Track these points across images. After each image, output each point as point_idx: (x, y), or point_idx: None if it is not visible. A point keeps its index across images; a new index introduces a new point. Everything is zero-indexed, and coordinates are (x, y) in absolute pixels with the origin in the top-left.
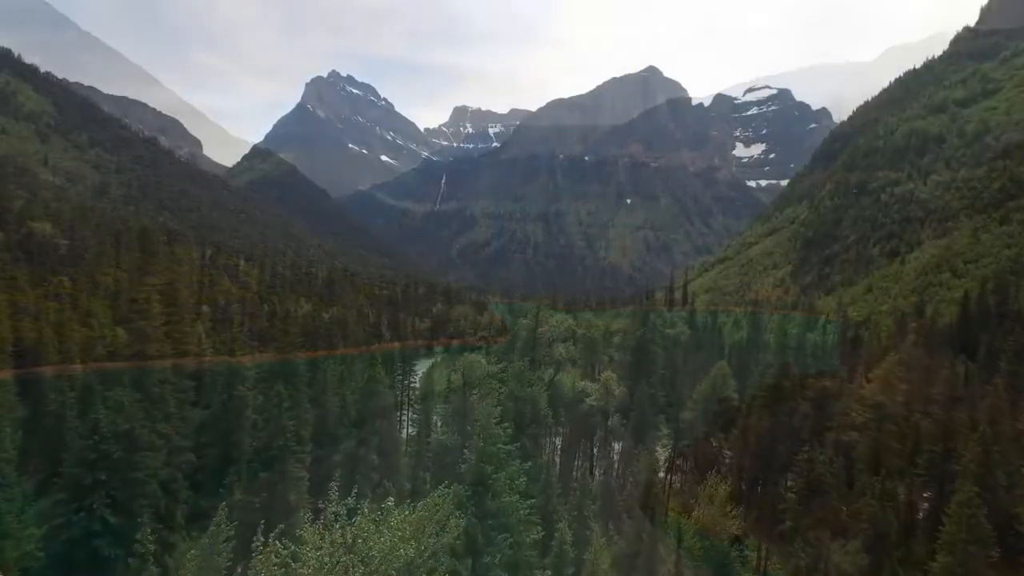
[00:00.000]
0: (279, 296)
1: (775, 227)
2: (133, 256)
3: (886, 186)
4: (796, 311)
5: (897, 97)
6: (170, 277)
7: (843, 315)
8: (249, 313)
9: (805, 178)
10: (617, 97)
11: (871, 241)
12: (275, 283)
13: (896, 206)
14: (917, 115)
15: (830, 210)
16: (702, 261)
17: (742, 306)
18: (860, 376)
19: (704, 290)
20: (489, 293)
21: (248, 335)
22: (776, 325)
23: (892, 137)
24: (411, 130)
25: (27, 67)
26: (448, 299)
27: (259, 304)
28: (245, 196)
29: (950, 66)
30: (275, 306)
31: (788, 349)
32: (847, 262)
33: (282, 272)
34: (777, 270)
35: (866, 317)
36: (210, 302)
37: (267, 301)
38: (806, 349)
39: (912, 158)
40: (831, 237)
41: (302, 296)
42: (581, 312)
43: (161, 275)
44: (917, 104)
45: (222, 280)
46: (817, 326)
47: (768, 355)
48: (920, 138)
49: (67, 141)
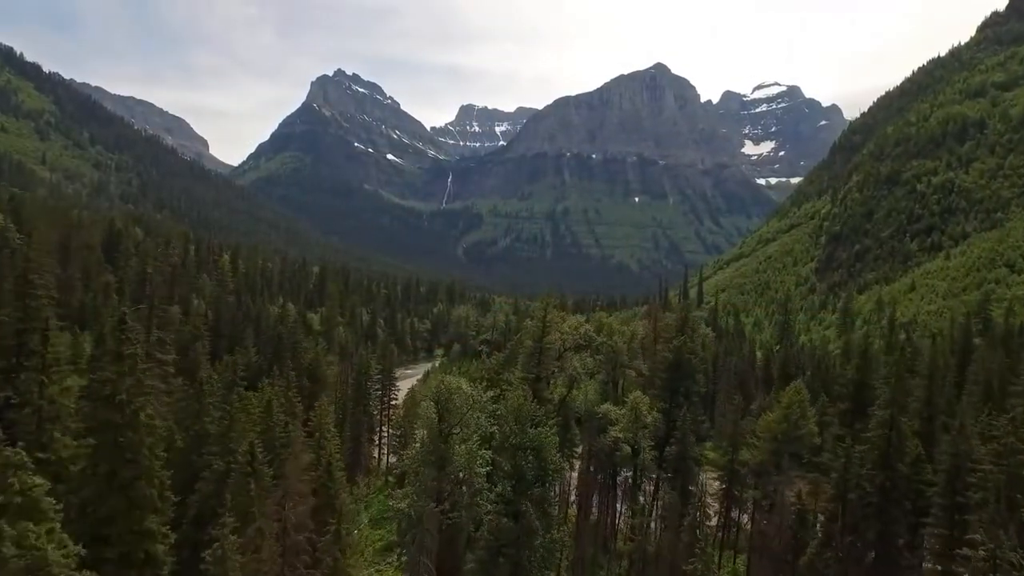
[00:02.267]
0: (253, 294)
1: (793, 223)
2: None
3: (922, 175)
4: (829, 312)
5: (923, 85)
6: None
7: (891, 317)
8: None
9: (823, 171)
10: (625, 94)
11: (907, 235)
12: (256, 281)
13: (935, 196)
14: (952, 100)
15: (859, 203)
16: (716, 259)
17: (763, 305)
18: (984, 405)
19: (720, 289)
20: (495, 292)
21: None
22: (806, 326)
23: (926, 124)
24: (417, 129)
25: (29, 65)
26: (451, 298)
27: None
28: (249, 194)
29: (980, 51)
30: (234, 305)
31: (836, 358)
32: (881, 258)
33: (271, 270)
34: (798, 267)
35: (911, 318)
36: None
37: (224, 299)
38: (865, 359)
39: (951, 145)
40: (861, 231)
41: (288, 296)
42: (593, 312)
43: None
44: (951, 89)
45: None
46: (854, 327)
47: (817, 366)
48: (958, 124)
49: (67, 139)
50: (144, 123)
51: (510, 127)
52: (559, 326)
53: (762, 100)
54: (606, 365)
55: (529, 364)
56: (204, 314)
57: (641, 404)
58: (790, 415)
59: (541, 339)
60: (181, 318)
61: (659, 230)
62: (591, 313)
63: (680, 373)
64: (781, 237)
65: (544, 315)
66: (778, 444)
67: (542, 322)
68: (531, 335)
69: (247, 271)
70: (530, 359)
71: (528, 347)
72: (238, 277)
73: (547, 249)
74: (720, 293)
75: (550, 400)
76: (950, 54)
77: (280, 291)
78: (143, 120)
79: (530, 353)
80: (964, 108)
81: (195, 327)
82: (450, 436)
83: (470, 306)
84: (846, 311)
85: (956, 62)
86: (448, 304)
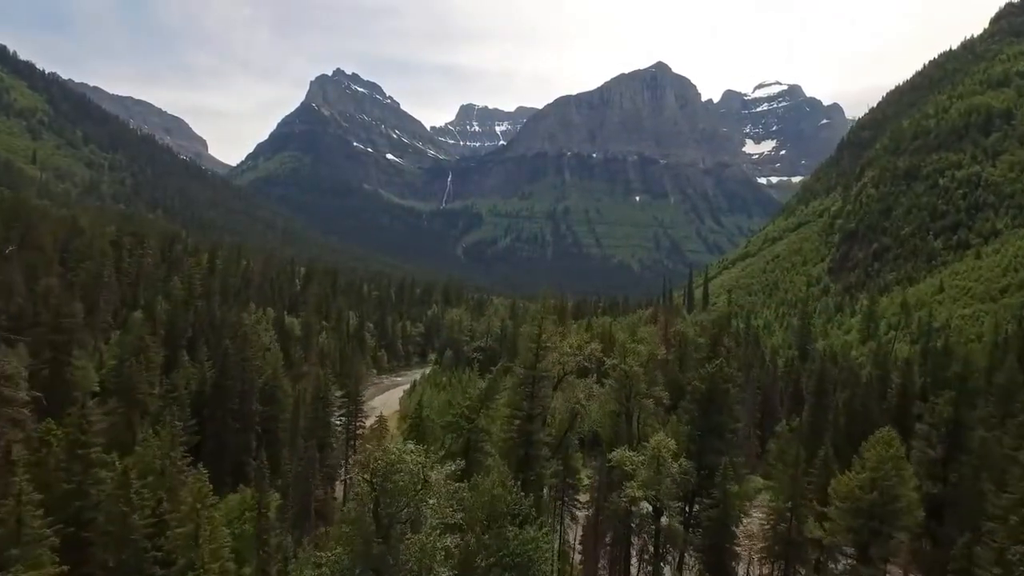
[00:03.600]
0: (227, 297)
1: (801, 221)
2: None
3: (944, 169)
4: (847, 315)
5: (936, 78)
6: None
7: (923, 322)
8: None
9: (831, 169)
10: (625, 93)
11: (930, 232)
12: (232, 283)
13: (960, 191)
14: (973, 91)
15: (875, 199)
16: (721, 258)
17: (772, 307)
18: None
19: (725, 289)
20: (495, 292)
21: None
22: (823, 329)
23: (946, 116)
24: (417, 128)
25: (22, 64)
26: (447, 300)
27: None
28: (246, 194)
29: (995, 43)
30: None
31: (867, 369)
32: (902, 257)
33: (251, 270)
34: (808, 266)
35: (944, 322)
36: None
37: (192, 303)
38: (965, 392)
39: (975, 137)
40: (879, 229)
41: (269, 299)
42: (595, 316)
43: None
44: (970, 80)
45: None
46: (878, 332)
47: (853, 382)
48: (982, 115)
49: (60, 138)
50: (143, 123)
51: (510, 127)
52: (558, 346)
53: (763, 99)
54: (618, 393)
55: (518, 398)
56: (166, 321)
57: (664, 450)
58: (881, 480)
59: (535, 365)
60: (142, 324)
61: (660, 229)
62: (592, 317)
63: (714, 407)
64: (788, 236)
65: (539, 335)
66: (864, 519)
67: (536, 344)
68: (526, 360)
69: (225, 271)
70: (519, 391)
71: (518, 376)
72: (213, 278)
73: (547, 249)
74: (727, 294)
75: (547, 441)
76: (962, 47)
77: (260, 294)
78: (142, 120)
79: (520, 383)
80: (987, 98)
81: (139, 338)
82: (391, 530)
83: (464, 309)
84: (871, 315)
85: (969, 54)
86: (444, 306)
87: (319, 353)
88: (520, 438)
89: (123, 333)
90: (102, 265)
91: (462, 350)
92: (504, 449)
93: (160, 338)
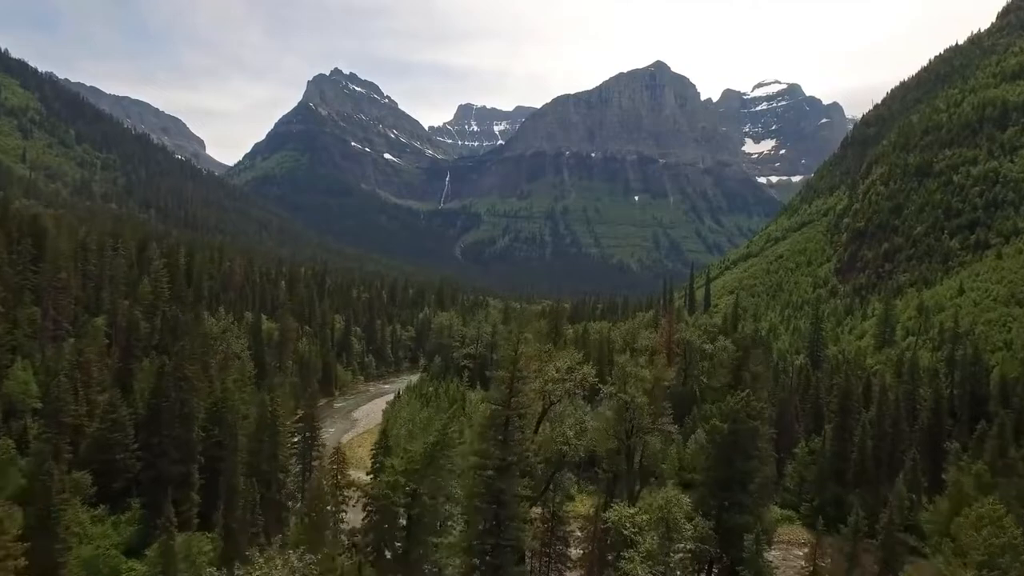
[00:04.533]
0: (198, 301)
1: (804, 220)
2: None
3: (959, 165)
4: (858, 318)
5: (943, 74)
6: None
7: (946, 327)
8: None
9: (835, 166)
10: (624, 93)
11: (945, 231)
12: (204, 286)
13: (976, 188)
14: (986, 84)
15: (884, 197)
16: (722, 258)
17: (777, 309)
18: None
19: (728, 291)
20: (493, 293)
21: None
22: (833, 334)
23: (959, 110)
24: (415, 128)
25: (14, 62)
26: (440, 302)
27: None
28: (242, 194)
29: (1004, 37)
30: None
31: (889, 382)
32: (916, 257)
33: (226, 271)
34: (813, 267)
35: (968, 328)
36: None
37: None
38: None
39: (990, 131)
40: (889, 228)
41: (249, 302)
42: (593, 322)
43: None
44: (982, 74)
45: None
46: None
47: (882, 397)
48: (998, 108)
49: (52, 137)
50: (140, 123)
51: (509, 126)
52: (543, 370)
53: (762, 98)
54: (617, 426)
55: (487, 444)
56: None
57: (676, 508)
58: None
59: (508, 401)
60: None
61: (659, 229)
62: (588, 322)
63: (738, 451)
64: (791, 235)
65: (514, 361)
66: None
67: (511, 372)
68: (497, 394)
69: (202, 273)
70: (489, 433)
71: (486, 417)
72: (187, 281)
73: (546, 249)
74: (731, 295)
75: (527, 495)
76: (969, 41)
77: (241, 297)
78: (139, 120)
79: (489, 424)
80: (1002, 92)
81: (78, 351)
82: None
83: (454, 312)
84: (886, 319)
85: (977, 49)
86: (437, 308)
87: (299, 360)
88: (490, 495)
89: (77, 341)
90: (58, 267)
91: (452, 357)
92: (469, 508)
93: (120, 348)
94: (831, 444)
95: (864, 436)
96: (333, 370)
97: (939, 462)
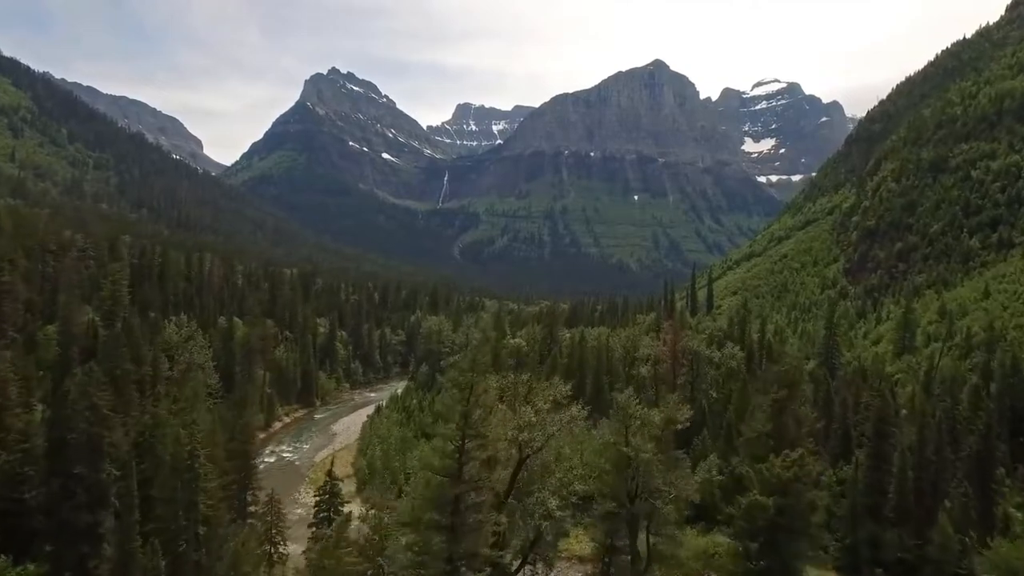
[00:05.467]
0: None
1: (809, 219)
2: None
3: (977, 160)
4: (872, 322)
5: (951, 68)
6: None
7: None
8: None
9: (839, 164)
10: (623, 92)
11: (964, 230)
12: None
13: (996, 184)
14: (1002, 76)
15: (896, 194)
16: (724, 258)
17: (783, 311)
18: None
19: (731, 291)
20: (492, 293)
21: None
22: (846, 339)
23: (974, 102)
24: (413, 128)
25: (6, 60)
26: (434, 304)
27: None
28: (238, 194)
29: (1015, 30)
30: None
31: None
32: (933, 257)
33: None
34: (820, 267)
35: (998, 334)
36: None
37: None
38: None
39: (1009, 124)
40: (903, 226)
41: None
42: (592, 327)
43: None
44: (997, 65)
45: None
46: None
47: (917, 418)
48: (1016, 100)
49: (43, 136)
50: (138, 123)
51: (507, 125)
52: (517, 412)
53: (762, 97)
54: (616, 488)
55: (430, 533)
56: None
57: None
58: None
59: (459, 472)
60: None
61: (659, 229)
62: (586, 328)
63: (786, 532)
64: (796, 234)
65: (466, 411)
66: None
67: (462, 428)
68: (436, 462)
69: (176, 276)
70: (431, 518)
71: (428, 489)
72: (159, 284)
73: (545, 248)
74: (731, 296)
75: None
76: (978, 34)
77: (218, 301)
78: (137, 120)
79: (434, 495)
80: (1020, 83)
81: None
82: None
83: (444, 316)
84: (906, 323)
85: (986, 42)
86: (430, 311)
87: (275, 367)
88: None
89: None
90: (0, 269)
91: (440, 364)
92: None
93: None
94: (864, 473)
95: (904, 465)
96: (314, 378)
97: (988, 494)
